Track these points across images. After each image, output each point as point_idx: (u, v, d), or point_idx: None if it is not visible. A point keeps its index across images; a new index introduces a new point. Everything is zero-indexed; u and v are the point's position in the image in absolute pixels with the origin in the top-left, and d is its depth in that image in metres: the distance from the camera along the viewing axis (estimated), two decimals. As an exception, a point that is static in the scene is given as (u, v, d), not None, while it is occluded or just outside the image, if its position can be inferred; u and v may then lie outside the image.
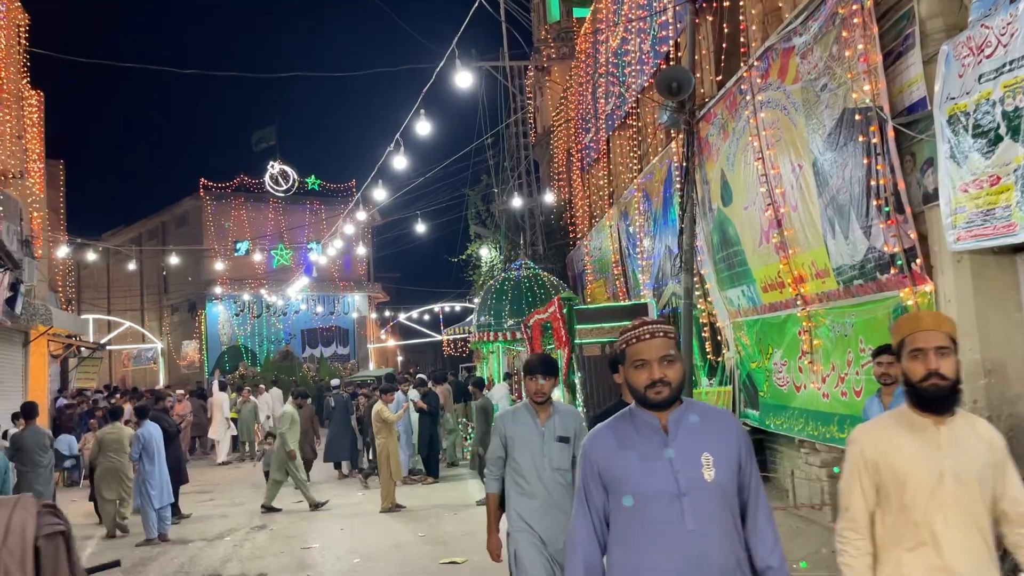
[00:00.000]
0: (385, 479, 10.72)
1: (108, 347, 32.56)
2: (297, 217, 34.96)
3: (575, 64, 20.26)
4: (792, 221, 7.73)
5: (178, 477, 11.00)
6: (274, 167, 35.05)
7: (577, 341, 10.88)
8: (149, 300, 37.04)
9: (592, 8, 17.45)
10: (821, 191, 7.02)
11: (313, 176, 36.01)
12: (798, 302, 7.97)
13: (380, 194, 13.33)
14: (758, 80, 8.02)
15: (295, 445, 11.46)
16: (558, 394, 17.09)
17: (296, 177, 35.41)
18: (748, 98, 8.27)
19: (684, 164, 10.28)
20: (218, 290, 32.78)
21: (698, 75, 10.14)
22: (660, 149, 12.18)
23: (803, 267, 7.70)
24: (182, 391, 20.59)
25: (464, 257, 24.12)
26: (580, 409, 10.28)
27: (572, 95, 20.54)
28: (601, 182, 17.46)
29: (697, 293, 10.61)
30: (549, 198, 19.51)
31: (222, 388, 19.78)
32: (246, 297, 33.35)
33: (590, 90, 18.00)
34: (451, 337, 26.05)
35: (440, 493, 11.98)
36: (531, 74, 26.11)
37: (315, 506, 11.17)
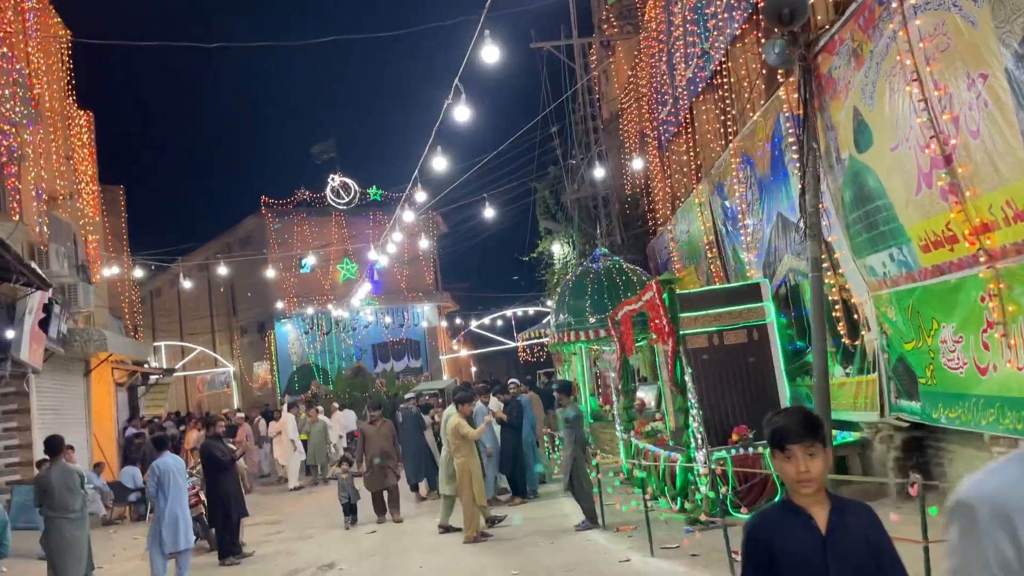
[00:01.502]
0: (468, 504, 9.24)
1: (182, 373, 32.23)
2: (361, 229, 34.06)
3: (644, 36, 18.59)
4: (971, 154, 5.95)
5: (236, 509, 9.75)
6: (335, 179, 34.25)
7: (681, 332, 9.21)
8: (219, 323, 36.71)
9: (661, -33, 15.79)
10: (1023, 104, 5.25)
11: (375, 187, 35.10)
12: (980, 259, 6.18)
13: (441, 164, 11.90)
14: (909, -21, 6.27)
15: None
16: (649, 395, 15.39)
17: (357, 188, 34.55)
18: (894, 6, 6.53)
19: (800, 111, 8.55)
20: (279, 304, 32.02)
21: (810, 0, 8.40)
22: (762, 101, 10.44)
23: (989, 212, 5.91)
24: (242, 414, 19.60)
25: (535, 255, 22.60)
26: (695, 412, 8.62)
27: (642, 69, 18.85)
28: (684, 157, 15.72)
29: (824, 265, 8.84)
30: (637, 164, 17.60)
31: (289, 408, 18.72)
32: (310, 311, 32.49)
33: (664, 59, 16.29)
34: (527, 342, 24.56)
35: (532, 515, 10.45)
36: (594, 58, 24.50)
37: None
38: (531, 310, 31.66)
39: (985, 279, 6.20)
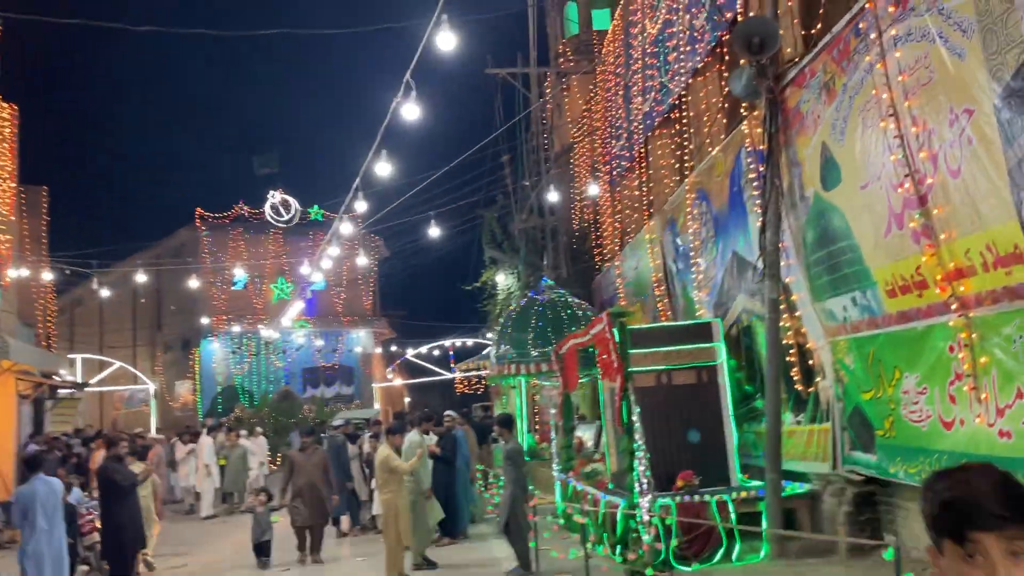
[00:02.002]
0: (392, 545, 8.51)
1: (96, 388, 30.50)
2: (298, 249, 33.03)
3: (601, 69, 18.42)
4: (948, 194, 5.64)
5: (132, 540, 8.80)
6: (275, 196, 33.18)
7: (630, 369, 8.71)
8: (142, 338, 35.02)
9: (622, 1, 15.62)
10: (1011, 141, 4.95)
11: (316, 206, 34.14)
12: (952, 306, 5.85)
13: (385, 170, 11.28)
14: (890, 8, 6.00)
15: (429, 482, 9.58)
16: (587, 434, 14.86)
17: (298, 207, 33.53)
18: (872, 37, 6.25)
19: (764, 145, 8.25)
20: (206, 321, 30.59)
21: (780, 32, 8.14)
22: (723, 136, 10.17)
23: (966, 256, 5.59)
24: (156, 435, 18.40)
25: (478, 285, 22.04)
26: (641, 455, 8.09)
27: (597, 103, 18.66)
28: (636, 192, 15.45)
29: (780, 307, 8.49)
30: (593, 190, 16.81)
31: (209, 432, 17.63)
32: (238, 330, 31.07)
33: (620, 92, 16.09)
34: (464, 374, 23.86)
35: (460, 559, 9.74)
36: (549, 90, 24.31)
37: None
38: (470, 341, 30.99)
39: (956, 328, 5.88)
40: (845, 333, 7.60)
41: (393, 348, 36.72)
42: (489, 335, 28.64)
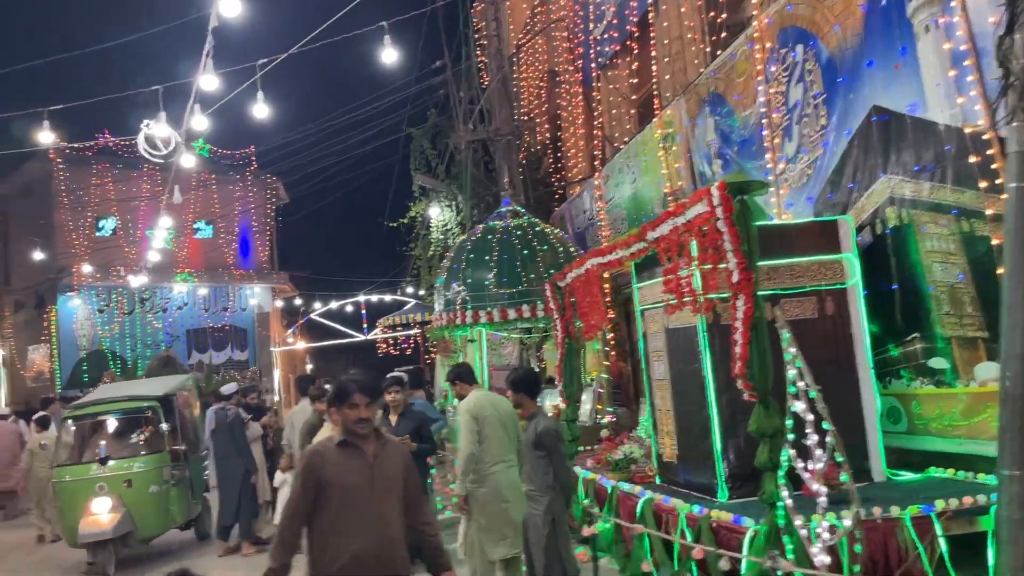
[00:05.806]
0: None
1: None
2: (181, 189, 27.85)
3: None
4: None
5: None
6: (149, 127, 27.79)
7: (714, 295, 4.96)
8: (-15, 295, 29.17)
9: None
10: None
11: (201, 140, 28.93)
12: None
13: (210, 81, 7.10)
14: None
15: None
16: (557, 401, 11.20)
17: (179, 139, 28.27)
18: None
19: None
20: (55, 268, 24.92)
21: None
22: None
23: None
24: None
25: (405, 221, 17.87)
26: (817, 441, 4.40)
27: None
28: (630, 83, 11.71)
29: (982, 184, 4.95)
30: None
31: (19, 416, 12.96)
32: (102, 282, 25.64)
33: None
34: (392, 333, 19.75)
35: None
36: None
37: None
38: (388, 297, 26.86)
39: None
40: None
41: (297, 301, 32.16)
42: (410, 289, 24.57)
